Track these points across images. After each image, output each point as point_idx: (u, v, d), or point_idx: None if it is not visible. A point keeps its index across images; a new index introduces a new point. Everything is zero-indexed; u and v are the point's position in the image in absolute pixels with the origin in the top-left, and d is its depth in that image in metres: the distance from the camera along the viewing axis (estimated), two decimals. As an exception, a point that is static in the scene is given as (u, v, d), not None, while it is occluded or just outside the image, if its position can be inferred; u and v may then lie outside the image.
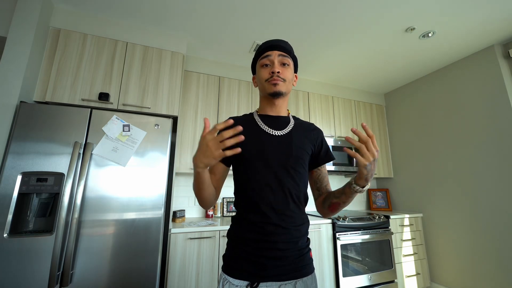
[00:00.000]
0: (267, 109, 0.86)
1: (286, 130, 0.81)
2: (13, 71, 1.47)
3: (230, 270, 0.73)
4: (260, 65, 0.82)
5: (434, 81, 2.67)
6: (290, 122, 0.85)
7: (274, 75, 0.77)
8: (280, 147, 0.77)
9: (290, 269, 0.71)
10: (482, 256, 2.12)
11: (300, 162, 0.78)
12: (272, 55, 0.80)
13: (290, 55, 0.83)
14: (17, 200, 1.30)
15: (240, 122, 0.82)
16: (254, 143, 0.77)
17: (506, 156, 2.01)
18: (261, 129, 0.81)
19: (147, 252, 1.47)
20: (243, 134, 0.75)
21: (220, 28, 2.00)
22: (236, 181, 0.82)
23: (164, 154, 1.63)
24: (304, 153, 0.80)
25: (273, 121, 0.83)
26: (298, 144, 0.79)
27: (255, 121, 0.84)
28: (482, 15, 1.82)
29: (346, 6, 1.73)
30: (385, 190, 3.10)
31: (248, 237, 0.73)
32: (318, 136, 0.87)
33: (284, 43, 0.83)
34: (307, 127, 0.87)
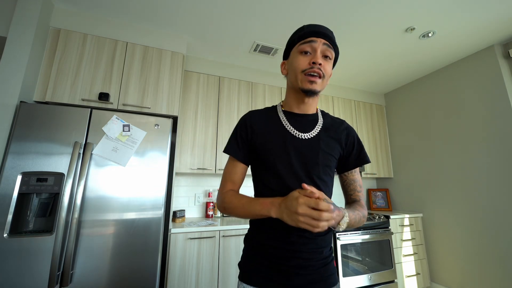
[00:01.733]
0: (293, 106, 0.75)
1: (313, 133, 0.72)
2: (13, 71, 1.47)
3: (248, 277, 0.68)
4: (299, 51, 0.69)
5: (434, 81, 2.67)
6: (318, 122, 0.75)
7: (315, 67, 0.66)
8: (306, 153, 0.69)
9: (315, 279, 0.66)
10: (482, 256, 2.12)
11: (326, 170, 0.71)
12: (316, 42, 0.67)
13: (335, 48, 0.71)
14: (17, 200, 1.30)
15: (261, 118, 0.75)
16: (277, 146, 0.70)
17: (506, 156, 2.01)
18: (286, 129, 0.72)
19: (147, 252, 1.47)
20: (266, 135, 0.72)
21: (220, 28, 2.00)
22: (257, 184, 0.75)
23: (164, 154, 1.63)
24: (331, 159, 0.72)
25: (299, 121, 0.74)
26: (326, 150, 0.71)
27: (279, 119, 0.74)
28: (482, 15, 1.82)
29: (346, 6, 1.73)
30: (385, 190, 3.10)
31: (270, 245, 0.67)
32: (349, 137, 0.77)
33: (330, 32, 0.70)
34: (337, 126, 0.77)
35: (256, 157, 0.73)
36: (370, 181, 3.29)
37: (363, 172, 2.82)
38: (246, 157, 0.74)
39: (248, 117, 0.77)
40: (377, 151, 3.03)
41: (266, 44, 2.19)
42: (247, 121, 0.75)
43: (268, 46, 2.23)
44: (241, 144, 0.74)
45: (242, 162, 0.74)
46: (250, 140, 0.73)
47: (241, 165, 0.74)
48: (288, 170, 0.68)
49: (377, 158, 3.00)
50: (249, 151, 0.74)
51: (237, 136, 0.75)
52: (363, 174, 2.82)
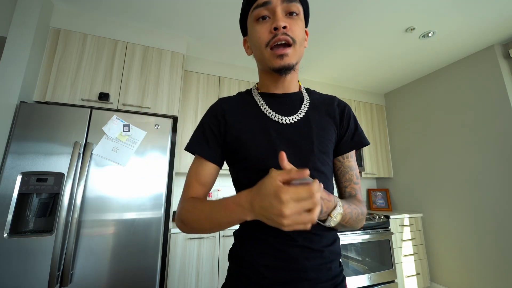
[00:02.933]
0: (270, 86, 0.60)
1: (300, 114, 0.56)
2: (13, 71, 1.47)
3: None
4: (254, 19, 0.53)
5: (434, 81, 2.67)
6: (304, 100, 0.59)
7: (279, 33, 0.49)
8: (295, 140, 0.54)
9: None
10: (482, 256, 2.12)
11: (324, 158, 0.55)
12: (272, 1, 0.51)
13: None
14: (17, 200, 1.30)
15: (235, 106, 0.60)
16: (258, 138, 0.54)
17: (506, 156, 2.01)
18: (266, 115, 0.56)
19: (147, 252, 1.47)
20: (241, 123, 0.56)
21: (220, 28, 2.00)
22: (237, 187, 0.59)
23: (164, 154, 1.63)
24: (328, 144, 0.56)
25: (281, 103, 0.58)
26: (319, 132, 0.55)
27: (256, 104, 0.58)
28: (482, 15, 1.82)
29: (346, 6, 1.73)
30: (385, 190, 3.10)
31: (263, 264, 0.49)
32: (344, 113, 0.61)
33: None
34: (328, 102, 0.62)
35: (233, 155, 0.57)
36: (370, 181, 3.29)
37: (363, 172, 2.82)
38: (217, 156, 0.57)
39: (219, 105, 0.60)
40: (377, 151, 3.03)
41: (266, 44, 2.19)
42: (218, 111, 0.59)
43: (268, 46, 2.22)
44: (210, 140, 0.57)
45: (210, 161, 0.57)
46: (223, 134, 0.57)
47: (210, 165, 0.57)
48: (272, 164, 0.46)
49: (377, 158, 3.00)
50: (222, 148, 0.58)
51: (204, 129, 0.58)
52: (363, 174, 2.82)
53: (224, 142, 0.57)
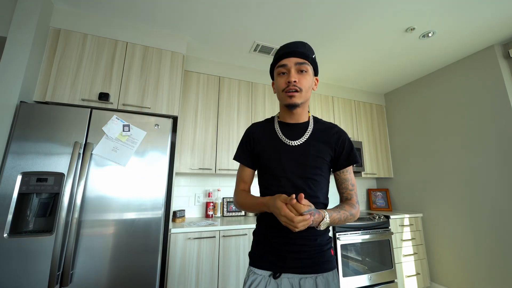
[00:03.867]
0: (286, 117, 0.87)
1: (302, 139, 0.82)
2: (13, 71, 1.47)
3: (255, 262, 0.81)
4: (277, 74, 0.82)
5: (434, 81, 2.67)
6: (308, 129, 0.85)
7: (291, 85, 0.77)
8: (296, 157, 0.80)
9: (310, 263, 0.75)
10: (482, 256, 2.12)
11: (317, 171, 0.80)
12: (288, 64, 0.78)
13: (308, 60, 0.80)
14: (17, 200, 1.30)
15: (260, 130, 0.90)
16: (272, 153, 0.83)
17: (506, 156, 2.01)
18: (279, 138, 0.84)
19: (147, 252, 1.47)
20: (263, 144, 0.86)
21: (220, 28, 2.00)
22: (260, 185, 0.88)
23: (164, 154, 1.63)
24: (321, 161, 0.81)
25: (291, 130, 0.85)
26: (315, 153, 0.80)
27: (274, 129, 0.87)
28: (482, 15, 1.82)
29: (346, 6, 1.73)
30: (385, 190, 3.10)
31: (269, 234, 0.80)
32: (339, 139, 0.84)
33: (302, 46, 0.80)
34: (328, 131, 0.85)
35: (258, 162, 0.87)
36: (370, 181, 3.29)
37: (363, 172, 2.82)
38: (250, 162, 0.89)
39: (251, 129, 0.92)
40: (377, 151, 3.03)
41: (266, 44, 2.19)
42: (250, 133, 0.91)
43: (268, 46, 2.23)
44: (246, 152, 0.89)
45: (248, 167, 0.89)
46: (253, 149, 0.88)
47: (247, 169, 0.89)
48: (281, 172, 0.80)
49: (377, 158, 3.00)
50: (253, 157, 0.89)
51: (243, 145, 0.91)
52: (363, 174, 2.82)
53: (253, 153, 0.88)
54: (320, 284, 0.73)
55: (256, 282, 0.75)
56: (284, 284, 0.74)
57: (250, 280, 0.77)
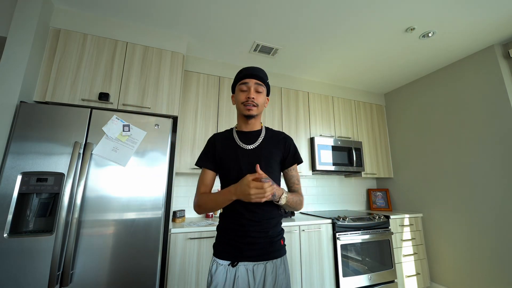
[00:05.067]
0: (242, 126, 1.03)
1: (256, 144, 0.99)
2: (13, 71, 1.47)
3: (217, 253, 0.94)
4: (239, 89, 0.99)
5: (434, 81, 2.67)
6: (261, 135, 1.02)
7: (249, 100, 0.95)
8: (251, 158, 0.95)
9: (262, 253, 0.91)
10: (482, 256, 2.12)
11: (268, 169, 0.94)
12: (249, 83, 0.97)
13: (264, 83, 1.00)
14: (17, 200, 1.30)
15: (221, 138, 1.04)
16: (231, 156, 0.97)
17: (506, 156, 2.01)
18: (237, 144, 0.99)
19: (147, 252, 1.47)
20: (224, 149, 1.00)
21: (220, 28, 2.00)
22: (221, 185, 1.01)
23: (164, 154, 1.63)
24: (272, 161, 0.97)
25: (246, 137, 1.01)
26: (266, 154, 0.97)
27: (233, 137, 1.02)
28: (482, 15, 1.82)
29: (346, 6, 1.73)
30: (385, 190, 3.10)
31: (229, 228, 0.94)
32: (286, 143, 1.03)
33: (261, 72, 1.00)
34: (276, 137, 1.04)
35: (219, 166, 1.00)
36: (370, 181, 3.29)
37: (363, 172, 2.82)
38: (212, 165, 1.00)
39: (213, 138, 1.06)
40: (377, 151, 3.03)
41: (266, 44, 2.19)
42: (211, 141, 1.05)
43: (268, 46, 2.23)
44: (209, 157, 1.01)
45: (211, 170, 1.00)
46: (214, 154, 1.01)
47: (210, 172, 1.00)
48: (239, 171, 0.93)
49: (377, 158, 3.00)
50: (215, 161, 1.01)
51: (206, 152, 1.03)
52: (363, 174, 2.82)
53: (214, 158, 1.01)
54: (268, 268, 0.90)
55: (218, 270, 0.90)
56: (240, 270, 0.89)
57: (213, 269, 0.91)
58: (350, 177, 3.14)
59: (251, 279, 0.88)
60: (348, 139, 2.85)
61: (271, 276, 0.89)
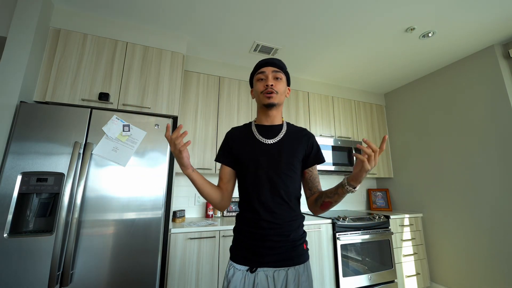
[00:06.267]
0: (262, 119, 0.96)
1: (277, 138, 0.91)
2: (13, 71, 1.47)
3: (234, 257, 0.88)
4: (256, 79, 0.93)
5: (434, 81, 2.67)
6: (282, 130, 0.94)
7: (268, 87, 0.88)
8: (272, 154, 0.88)
9: (283, 258, 0.83)
10: (482, 256, 2.12)
11: (290, 166, 0.88)
12: (266, 71, 0.91)
13: (283, 70, 0.93)
14: (17, 200, 1.30)
15: (239, 132, 0.98)
16: (249, 151, 0.90)
17: (506, 156, 2.01)
18: (256, 138, 0.92)
19: (147, 252, 1.47)
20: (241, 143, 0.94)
21: (220, 28, 2.00)
22: (238, 184, 0.96)
23: (164, 154, 1.63)
24: (294, 159, 0.89)
25: (267, 131, 0.94)
26: (288, 151, 0.89)
27: (251, 131, 0.96)
28: (482, 15, 1.82)
29: (346, 6, 1.73)
30: (385, 190, 3.10)
31: (247, 230, 0.87)
32: (309, 140, 0.96)
33: (277, 60, 0.93)
34: (298, 133, 0.96)
35: (237, 161, 0.93)
36: (370, 181, 3.29)
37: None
38: (230, 162, 0.95)
39: (230, 132, 1.00)
40: (377, 151, 3.03)
41: (266, 44, 2.19)
42: (229, 136, 0.99)
43: (268, 46, 2.23)
44: (226, 152, 0.96)
45: (227, 165, 0.95)
46: (231, 149, 0.95)
47: (225, 167, 0.96)
48: (257, 168, 0.87)
49: (377, 158, 3.00)
50: (232, 157, 0.95)
51: (223, 147, 0.98)
52: (363, 174, 2.82)
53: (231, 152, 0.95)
54: (290, 275, 0.81)
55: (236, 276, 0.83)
56: (260, 277, 0.81)
57: (230, 274, 0.85)
58: (350, 177, 3.13)
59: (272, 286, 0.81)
60: (348, 139, 2.85)
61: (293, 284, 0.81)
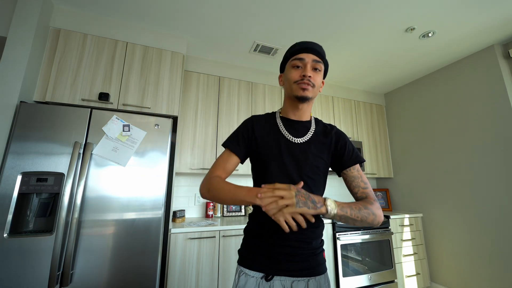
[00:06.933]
0: (289, 112, 0.85)
1: (305, 138, 0.81)
2: (13, 71, 1.47)
3: (246, 262, 0.78)
4: (292, 66, 0.79)
5: (434, 81, 2.67)
6: (310, 128, 0.84)
7: (305, 79, 0.76)
8: (297, 154, 0.78)
9: (303, 267, 0.74)
10: (482, 256, 2.12)
11: (315, 170, 0.79)
12: (306, 59, 0.77)
13: (323, 60, 0.81)
14: (17, 200, 1.30)
15: (261, 123, 0.85)
16: (273, 147, 0.79)
17: (506, 156, 2.01)
18: (281, 133, 0.81)
19: (147, 252, 1.47)
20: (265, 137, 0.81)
21: (220, 28, 2.00)
22: (254, 179, 0.85)
23: (164, 154, 1.63)
24: (320, 161, 0.80)
25: (294, 127, 0.83)
26: (315, 152, 0.80)
27: (276, 124, 0.84)
28: (482, 15, 1.82)
29: (346, 7, 1.73)
30: (385, 190, 3.10)
31: (263, 233, 0.76)
32: (339, 140, 0.84)
33: (319, 47, 0.80)
34: (327, 132, 0.85)
35: (256, 156, 0.82)
36: (370, 181, 3.29)
37: (363, 172, 2.82)
38: (242, 153, 0.82)
39: (251, 120, 0.86)
40: (377, 151, 3.03)
41: (266, 44, 2.19)
42: (249, 124, 0.85)
43: (268, 46, 2.23)
44: (241, 142, 0.82)
45: (238, 156, 0.81)
46: (250, 141, 0.83)
47: (236, 158, 0.81)
48: (281, 168, 0.77)
49: (377, 158, 3.00)
50: (247, 150, 0.83)
51: (239, 134, 0.84)
52: (363, 174, 2.82)
53: (249, 145, 0.83)
54: (311, 286, 0.73)
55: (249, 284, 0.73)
56: (276, 286, 0.73)
57: (241, 282, 0.74)
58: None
59: None
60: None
61: None
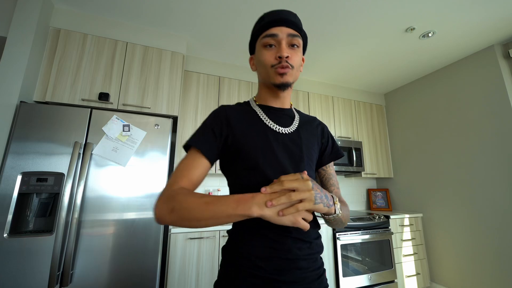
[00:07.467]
0: (268, 99, 0.68)
1: (293, 128, 0.66)
2: (13, 71, 1.47)
3: None
4: (263, 45, 0.62)
5: (434, 81, 2.67)
6: (295, 117, 0.70)
7: (282, 61, 0.59)
8: (290, 148, 0.62)
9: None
10: (482, 256, 2.12)
11: (310, 165, 0.65)
12: (279, 34, 0.60)
13: (301, 33, 0.63)
14: (17, 200, 1.30)
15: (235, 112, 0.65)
16: (259, 141, 0.61)
17: (506, 156, 2.01)
18: (265, 124, 0.64)
19: (147, 252, 1.47)
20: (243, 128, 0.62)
21: (220, 28, 2.00)
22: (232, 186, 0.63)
23: (164, 154, 1.63)
24: (313, 154, 0.68)
25: (277, 115, 0.67)
26: (307, 144, 0.66)
27: (255, 113, 0.66)
28: (482, 15, 1.82)
29: (346, 7, 1.73)
30: (385, 190, 3.10)
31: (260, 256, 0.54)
32: (323, 132, 0.73)
33: (294, 16, 0.63)
34: (311, 122, 0.73)
35: (235, 156, 0.61)
36: (370, 181, 3.29)
37: (363, 172, 2.82)
38: (213, 154, 0.60)
39: (223, 110, 0.65)
40: (377, 151, 3.03)
41: (266, 44, 2.19)
42: (221, 115, 0.63)
43: (268, 46, 2.22)
44: (212, 139, 0.60)
45: (207, 159, 0.59)
46: (225, 137, 0.61)
47: (205, 161, 0.58)
48: (276, 167, 0.58)
49: (377, 158, 3.00)
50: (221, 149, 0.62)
51: (207, 129, 0.61)
52: (363, 174, 2.82)
53: (224, 143, 0.62)
54: None
55: None
56: None
57: None
58: (350, 177, 3.14)
59: None
60: (348, 139, 2.85)
61: None
